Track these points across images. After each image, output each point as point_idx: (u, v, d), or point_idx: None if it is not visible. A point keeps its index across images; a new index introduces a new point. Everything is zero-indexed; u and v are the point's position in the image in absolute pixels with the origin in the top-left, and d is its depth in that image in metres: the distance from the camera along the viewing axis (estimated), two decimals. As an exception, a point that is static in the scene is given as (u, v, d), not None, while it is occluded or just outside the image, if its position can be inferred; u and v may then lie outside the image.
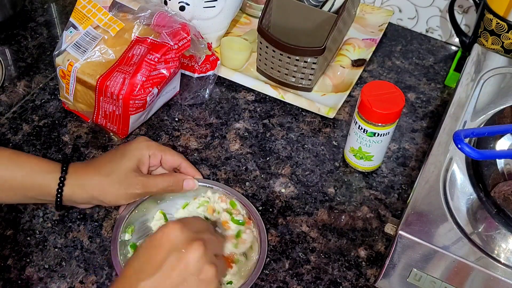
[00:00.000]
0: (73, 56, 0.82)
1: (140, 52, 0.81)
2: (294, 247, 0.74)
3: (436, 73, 0.99)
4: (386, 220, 0.78)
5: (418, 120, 0.91)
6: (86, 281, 0.70)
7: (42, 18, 1.04)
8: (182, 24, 0.82)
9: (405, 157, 0.86)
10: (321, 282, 0.71)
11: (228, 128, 0.88)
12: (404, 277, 0.66)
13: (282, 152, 0.85)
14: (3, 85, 0.92)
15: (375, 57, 1.01)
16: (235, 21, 1.02)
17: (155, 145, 0.74)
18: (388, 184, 0.82)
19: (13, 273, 0.70)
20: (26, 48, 0.98)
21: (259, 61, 0.93)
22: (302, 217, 0.78)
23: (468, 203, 0.66)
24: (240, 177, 0.82)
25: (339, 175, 0.83)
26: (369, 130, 0.76)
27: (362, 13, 1.06)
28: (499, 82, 0.81)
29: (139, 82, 0.79)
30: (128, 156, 0.72)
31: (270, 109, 0.91)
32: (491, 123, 0.73)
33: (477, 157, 0.60)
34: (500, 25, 0.87)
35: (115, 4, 0.84)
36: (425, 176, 0.68)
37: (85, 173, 0.71)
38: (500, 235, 0.63)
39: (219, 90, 0.93)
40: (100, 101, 0.81)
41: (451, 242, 0.62)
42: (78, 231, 0.74)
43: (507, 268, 0.60)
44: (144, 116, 0.85)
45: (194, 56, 0.88)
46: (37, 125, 0.86)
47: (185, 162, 0.76)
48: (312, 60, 0.87)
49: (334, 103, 0.91)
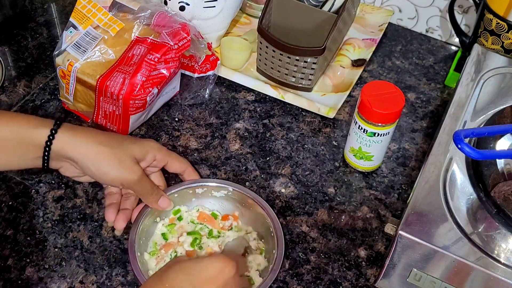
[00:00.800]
0: (73, 56, 0.82)
1: (140, 52, 0.81)
2: (294, 247, 0.74)
3: (436, 73, 0.99)
4: (386, 220, 0.78)
5: (418, 120, 0.91)
6: (86, 281, 0.70)
7: (42, 18, 1.04)
8: (182, 24, 0.82)
9: (405, 157, 0.86)
10: (321, 282, 0.71)
11: (228, 128, 0.88)
12: (404, 277, 0.66)
13: (282, 152, 0.85)
14: (3, 85, 0.92)
15: (375, 57, 1.01)
16: (235, 21, 1.02)
17: (164, 150, 0.74)
18: (388, 184, 0.82)
19: (13, 273, 0.70)
20: (26, 48, 0.98)
21: (259, 61, 0.93)
22: (302, 217, 0.78)
23: (468, 203, 0.66)
24: (240, 177, 0.82)
25: (339, 175, 0.83)
26: (369, 130, 0.76)
27: (362, 13, 1.06)
28: (499, 82, 0.81)
29: (139, 82, 0.79)
30: (138, 145, 0.71)
31: (270, 109, 0.91)
32: (491, 123, 0.73)
33: (477, 157, 0.60)
34: (500, 25, 0.87)
35: (115, 4, 0.84)
36: (425, 176, 0.68)
37: (83, 134, 0.67)
38: (500, 235, 0.63)
39: (219, 90, 0.93)
40: (100, 101, 0.81)
41: (451, 242, 0.62)
42: (78, 231, 0.74)
43: (507, 268, 0.60)
44: (144, 116, 0.85)
45: (194, 56, 0.88)
46: (37, 125, 0.86)
47: (189, 168, 0.76)
48: (312, 60, 0.87)
49: (334, 103, 0.91)
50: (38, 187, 0.78)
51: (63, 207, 0.76)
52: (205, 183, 0.76)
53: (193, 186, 0.75)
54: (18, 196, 0.77)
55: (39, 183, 0.79)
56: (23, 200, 0.77)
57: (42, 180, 0.79)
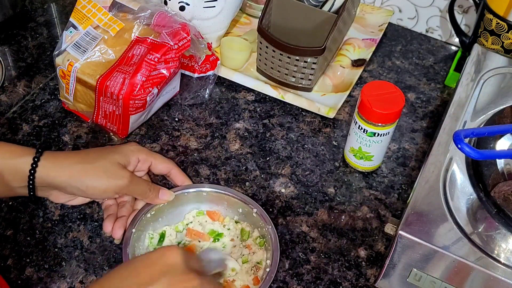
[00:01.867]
0: (73, 56, 0.82)
1: (140, 52, 0.81)
2: (294, 247, 0.74)
3: (436, 73, 0.99)
4: (386, 220, 0.78)
5: (418, 120, 0.91)
6: (86, 281, 0.70)
7: (42, 18, 1.04)
8: (182, 24, 0.82)
9: (405, 157, 0.86)
10: (321, 282, 0.71)
11: (228, 128, 0.88)
12: (404, 277, 0.66)
13: (282, 152, 0.85)
14: (3, 85, 0.92)
15: (375, 57, 1.01)
16: (235, 21, 1.02)
17: (146, 150, 0.74)
18: (388, 184, 0.82)
19: (13, 273, 0.70)
20: (26, 48, 0.98)
21: (259, 61, 0.93)
22: (302, 217, 0.78)
23: (468, 203, 0.66)
24: (240, 177, 0.82)
25: (339, 175, 0.83)
26: (369, 130, 0.76)
27: (362, 13, 1.06)
28: (499, 82, 0.81)
29: (139, 82, 0.79)
30: (118, 152, 0.71)
31: (270, 109, 0.91)
32: (491, 123, 0.73)
33: (477, 157, 0.60)
34: (500, 25, 0.87)
35: (115, 4, 0.84)
36: (425, 176, 0.68)
37: (64, 157, 0.68)
38: (500, 235, 0.63)
39: (219, 90, 0.93)
40: (100, 101, 0.81)
41: (451, 242, 0.62)
42: (78, 231, 0.74)
43: (507, 268, 0.60)
44: (144, 116, 0.85)
45: (194, 56, 0.88)
46: (37, 125, 0.86)
47: (175, 168, 0.76)
48: (312, 60, 0.87)
49: (334, 103, 0.91)
50: (38, 187, 0.78)
51: (63, 207, 0.76)
52: (201, 188, 0.75)
53: (192, 191, 0.75)
54: (18, 196, 0.77)
55: (39, 183, 0.79)
56: (23, 200, 0.77)
57: (42, 180, 0.79)
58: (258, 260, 0.71)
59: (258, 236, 0.73)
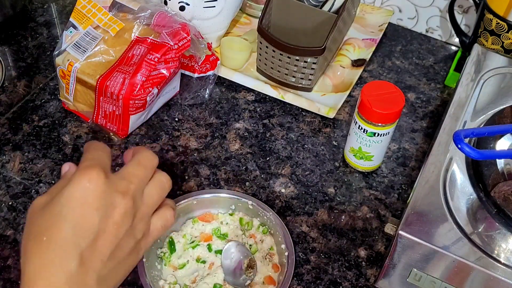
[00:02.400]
0: (73, 56, 0.82)
1: (140, 52, 0.81)
2: (294, 247, 0.74)
3: (436, 73, 0.99)
4: (386, 220, 0.78)
5: (418, 120, 0.91)
6: (86, 281, 0.70)
7: (42, 18, 1.04)
8: (182, 24, 0.82)
9: (405, 157, 0.86)
10: (321, 282, 0.71)
11: (228, 128, 0.88)
12: (404, 277, 0.66)
13: (282, 152, 0.85)
14: (3, 85, 0.92)
15: (375, 57, 1.01)
16: (235, 21, 1.02)
17: None
18: (388, 184, 0.82)
19: (13, 273, 0.70)
20: (26, 48, 0.98)
21: (259, 61, 0.93)
22: (302, 217, 0.78)
23: (468, 203, 0.66)
24: (240, 177, 0.82)
25: (339, 175, 0.83)
26: (369, 130, 0.76)
27: (362, 13, 1.06)
28: (499, 82, 0.81)
29: (139, 82, 0.79)
30: None
31: (270, 109, 0.91)
32: (491, 123, 0.73)
33: (477, 157, 0.60)
34: (500, 25, 0.87)
35: (115, 4, 0.84)
36: (425, 176, 0.68)
37: None
38: (500, 235, 0.63)
39: (219, 90, 0.93)
40: (100, 101, 0.81)
41: (451, 242, 0.62)
42: (78, 231, 0.74)
43: (507, 268, 0.60)
44: (144, 116, 0.85)
45: (194, 56, 0.88)
46: (37, 125, 0.86)
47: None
48: (312, 60, 0.87)
49: (334, 103, 0.91)
50: (38, 187, 0.78)
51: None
52: (199, 195, 0.75)
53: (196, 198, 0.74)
54: (18, 196, 0.77)
55: (39, 183, 0.79)
56: (23, 200, 0.77)
57: (42, 180, 0.79)
58: (269, 246, 0.72)
59: (260, 224, 0.73)
